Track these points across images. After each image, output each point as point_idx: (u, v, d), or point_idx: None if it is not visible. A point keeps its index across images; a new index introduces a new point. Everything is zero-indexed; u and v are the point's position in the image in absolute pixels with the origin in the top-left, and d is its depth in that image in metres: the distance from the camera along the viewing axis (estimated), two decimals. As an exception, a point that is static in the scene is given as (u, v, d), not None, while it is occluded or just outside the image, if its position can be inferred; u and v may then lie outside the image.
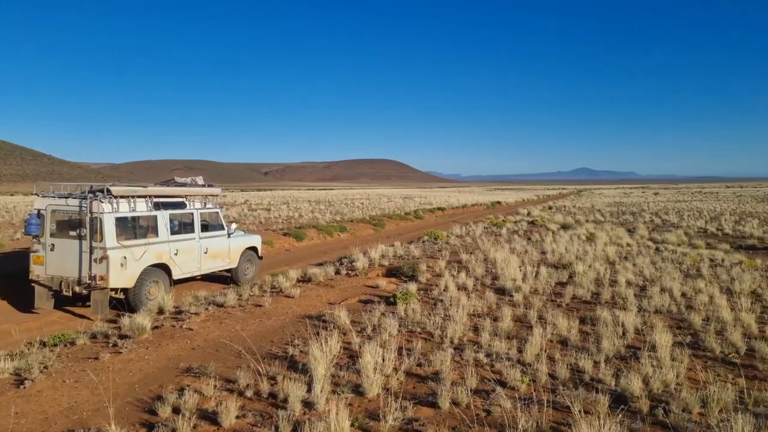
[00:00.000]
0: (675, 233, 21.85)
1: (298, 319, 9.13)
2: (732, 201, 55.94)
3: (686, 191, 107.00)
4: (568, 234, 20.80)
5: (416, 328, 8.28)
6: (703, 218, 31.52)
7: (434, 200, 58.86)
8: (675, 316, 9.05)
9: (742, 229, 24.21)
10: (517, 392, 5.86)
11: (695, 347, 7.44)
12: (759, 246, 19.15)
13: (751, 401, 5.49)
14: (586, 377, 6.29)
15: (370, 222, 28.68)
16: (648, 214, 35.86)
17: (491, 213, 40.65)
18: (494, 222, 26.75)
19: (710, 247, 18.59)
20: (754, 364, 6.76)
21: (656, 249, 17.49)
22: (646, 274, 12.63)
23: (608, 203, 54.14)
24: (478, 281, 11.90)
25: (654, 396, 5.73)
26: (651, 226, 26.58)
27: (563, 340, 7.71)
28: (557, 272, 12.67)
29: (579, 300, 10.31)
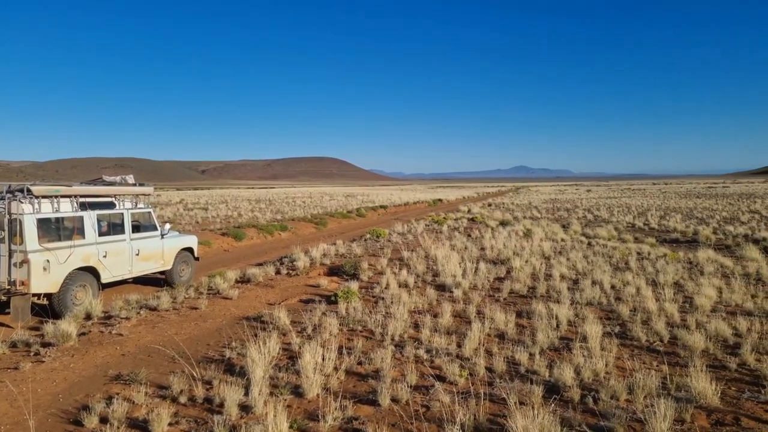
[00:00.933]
0: (606, 228, 22.92)
1: (236, 320, 8.90)
2: (658, 197, 59.33)
3: (616, 188, 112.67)
4: (507, 230, 21.40)
5: (357, 327, 8.26)
6: (632, 214, 33.21)
7: (377, 198, 59.09)
8: (605, 308, 9.46)
9: (666, 224, 25.65)
10: (455, 387, 5.94)
11: (623, 337, 7.80)
12: (681, 239, 20.37)
13: (674, 386, 5.80)
14: (521, 369, 6.46)
15: (312, 221, 28.43)
16: (581, 210, 37.45)
17: (433, 210, 41.26)
18: (436, 219, 27.15)
19: (638, 241, 19.60)
20: (676, 351, 7.15)
21: (588, 244, 18.25)
22: (578, 268, 13.15)
23: (544, 200, 56.16)
24: (419, 278, 12.02)
25: (585, 385, 5.95)
26: (584, 222, 27.74)
27: (501, 334, 7.90)
28: (496, 268, 12.99)
29: (516, 294, 10.61)
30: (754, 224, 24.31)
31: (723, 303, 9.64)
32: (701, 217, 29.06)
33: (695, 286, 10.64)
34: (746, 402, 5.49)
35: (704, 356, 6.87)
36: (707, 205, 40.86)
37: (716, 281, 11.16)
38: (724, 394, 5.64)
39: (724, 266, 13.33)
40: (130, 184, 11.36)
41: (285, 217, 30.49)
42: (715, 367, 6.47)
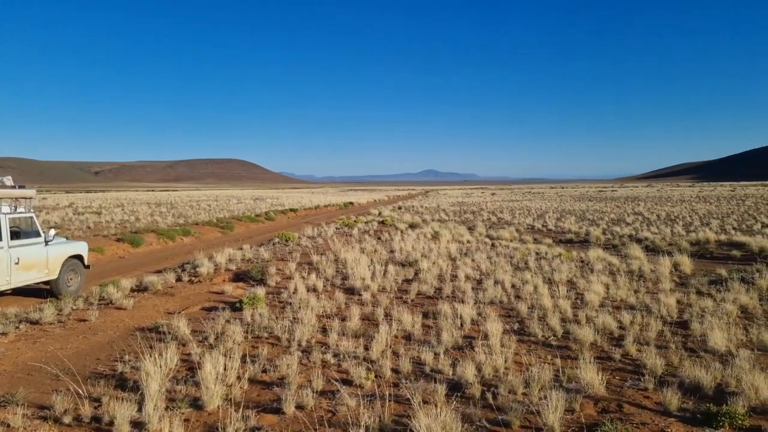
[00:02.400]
0: (508, 230, 24.09)
1: (130, 332, 8.31)
2: (555, 200, 63.32)
3: (519, 192, 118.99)
4: (416, 233, 21.85)
5: (263, 334, 8.02)
6: (532, 216, 35.17)
7: (287, 201, 58.14)
8: (506, 306, 9.89)
9: (562, 225, 27.41)
10: (362, 390, 5.93)
11: (521, 333, 8.19)
12: (575, 240, 21.86)
13: (565, 378, 6.16)
14: (427, 369, 6.58)
15: (217, 225, 27.38)
16: (486, 212, 39.11)
17: (344, 214, 41.26)
18: (346, 222, 27.17)
19: (537, 242, 20.79)
20: (568, 345, 7.61)
21: (492, 245, 19.06)
22: (482, 268, 13.68)
23: (452, 203, 58.09)
24: (328, 282, 11.93)
25: (486, 381, 6.17)
26: (488, 224, 28.98)
27: (408, 335, 8.01)
28: (404, 270, 13.20)
29: (423, 295, 10.82)
30: (637, 225, 26.59)
31: (610, 298, 10.41)
32: (593, 219, 31.35)
33: (586, 284, 11.41)
34: (628, 390, 5.94)
35: (593, 349, 7.37)
36: (598, 207, 44.17)
37: (604, 278, 12.04)
38: (610, 383, 6.07)
39: (611, 264, 14.43)
40: (9, 187, 10.31)
41: (188, 221, 29.13)
42: (602, 359, 6.96)
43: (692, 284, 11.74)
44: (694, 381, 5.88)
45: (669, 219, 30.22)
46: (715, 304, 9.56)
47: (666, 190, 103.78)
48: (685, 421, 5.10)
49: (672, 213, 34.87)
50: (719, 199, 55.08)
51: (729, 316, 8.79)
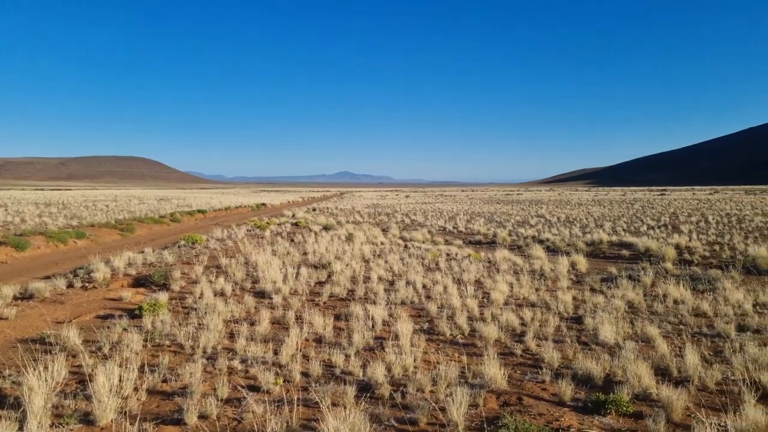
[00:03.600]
0: (421, 232, 24.63)
1: (11, 344, 7.55)
2: (466, 203, 65.62)
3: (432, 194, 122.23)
4: (330, 235, 21.74)
5: (165, 341, 7.60)
6: (443, 218, 36.20)
7: (195, 202, 55.70)
8: (417, 306, 10.08)
9: (472, 227, 28.42)
10: (270, 395, 5.78)
11: (431, 333, 8.37)
12: (484, 241, 22.75)
13: (471, 375, 6.36)
14: (337, 371, 6.54)
15: (116, 227, 25.68)
16: (400, 214, 39.75)
17: (256, 215, 40.23)
18: (258, 224, 26.50)
19: (448, 243, 21.42)
20: (474, 342, 7.87)
21: (405, 246, 19.39)
22: (395, 269, 13.86)
23: (367, 205, 58.51)
24: (237, 286, 11.55)
25: (395, 381, 6.23)
26: (402, 226, 29.46)
27: (319, 338, 7.92)
28: (317, 272, 13.08)
29: (336, 298, 10.77)
30: (540, 227, 28.13)
31: (514, 297, 10.92)
32: (500, 221, 32.79)
33: (492, 283, 11.89)
34: (528, 383, 6.25)
35: (497, 345, 7.68)
36: (505, 210, 46.31)
37: (509, 278, 12.62)
38: (511, 378, 6.34)
39: (516, 264, 15.16)
40: None
41: (82, 222, 27.07)
42: (505, 354, 7.27)
43: (587, 282, 12.60)
44: (586, 372, 6.29)
45: (568, 221, 32.26)
46: (606, 300, 10.31)
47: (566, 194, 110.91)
48: (577, 410, 5.44)
49: (570, 215, 37.26)
50: (612, 203, 59.63)
51: (617, 311, 9.51)
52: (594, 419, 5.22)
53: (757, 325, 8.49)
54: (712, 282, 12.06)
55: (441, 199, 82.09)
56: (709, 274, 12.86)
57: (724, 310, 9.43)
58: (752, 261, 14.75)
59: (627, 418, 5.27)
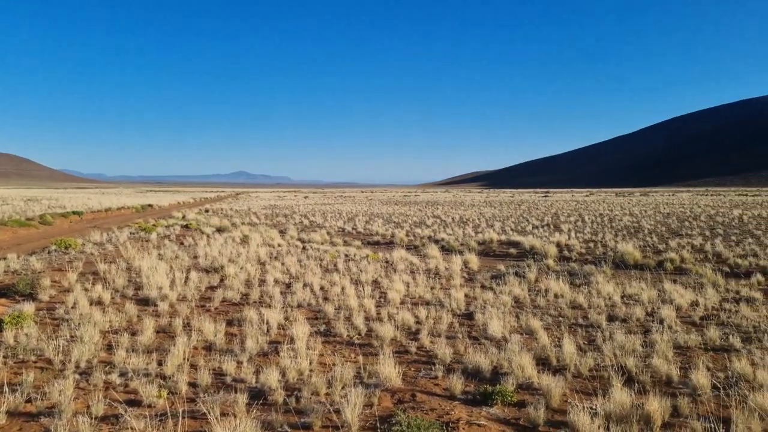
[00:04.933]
0: (320, 233, 24.44)
1: None
2: (365, 204, 66.17)
3: (331, 195, 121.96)
4: (224, 237, 20.91)
5: (30, 357, 6.84)
6: (343, 219, 36.22)
7: (69, 203, 50.92)
8: (314, 308, 9.95)
9: (370, 228, 28.69)
10: (152, 409, 5.38)
11: (328, 334, 8.29)
12: (382, 241, 23.05)
13: (367, 375, 6.37)
14: (228, 379, 6.26)
15: (-25, 231, 22.81)
16: (298, 216, 39.21)
17: (141, 217, 37.58)
18: (143, 227, 24.80)
19: (346, 244, 21.44)
20: (371, 342, 7.91)
21: (303, 248, 19.11)
22: (292, 272, 13.60)
23: (264, 206, 57.06)
24: (118, 293, 10.70)
25: (290, 385, 6.08)
26: (300, 227, 29.06)
27: (209, 346, 7.54)
28: (209, 276, 12.49)
29: (229, 302, 10.34)
30: (436, 227, 29.05)
31: (410, 296, 11.14)
32: (398, 222, 33.43)
33: (390, 283, 12.05)
34: (422, 379, 6.38)
35: (393, 344, 7.77)
36: (403, 211, 47.32)
37: (406, 277, 12.87)
38: (406, 375, 6.44)
39: (412, 264, 15.50)
40: None
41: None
42: (400, 353, 7.37)
43: (478, 279, 13.19)
44: (475, 366, 6.54)
45: (462, 221, 33.65)
46: (495, 297, 10.84)
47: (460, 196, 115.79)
48: (467, 402, 5.64)
49: (464, 216, 38.91)
50: (502, 204, 63.15)
51: (505, 306, 10.04)
52: (482, 410, 5.44)
53: (624, 315, 9.34)
54: (587, 276, 13.13)
55: (340, 200, 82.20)
56: (585, 270, 14.00)
57: (597, 302, 10.27)
58: (621, 257, 16.28)
59: (512, 407, 5.55)
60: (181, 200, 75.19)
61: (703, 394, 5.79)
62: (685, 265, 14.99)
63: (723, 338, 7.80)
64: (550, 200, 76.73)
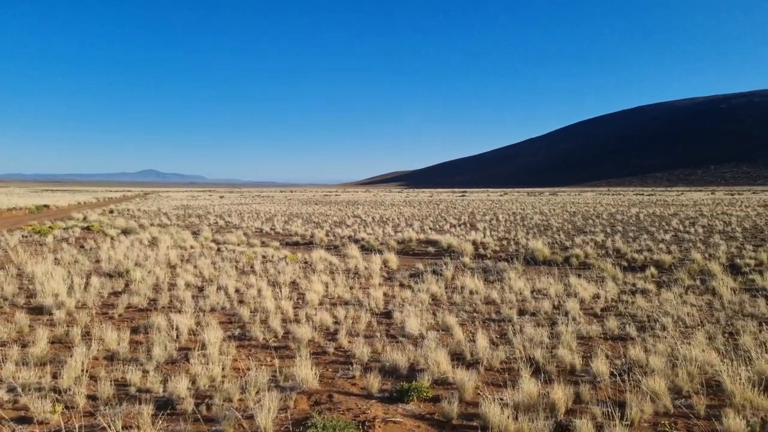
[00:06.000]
0: (236, 234, 23.71)
1: None
2: (284, 204, 65.05)
3: (248, 195, 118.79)
4: (130, 239, 19.75)
5: None
6: (260, 219, 35.37)
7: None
8: (228, 312, 9.60)
9: (289, 228, 28.20)
10: (45, 426, 4.96)
11: (243, 338, 8.03)
12: (301, 242, 22.74)
13: (282, 378, 6.23)
14: (132, 390, 5.88)
15: None
16: (213, 216, 37.82)
17: (35, 219, 34.60)
18: (38, 229, 22.87)
19: (264, 245, 20.94)
20: (288, 344, 7.74)
21: (218, 249, 18.45)
22: (205, 274, 13.08)
23: (176, 206, 54.53)
24: (7, 302, 9.78)
25: (201, 393, 5.81)
26: (215, 228, 28.04)
27: (111, 355, 7.06)
28: (112, 281, 11.72)
29: (134, 308, 9.75)
30: (356, 227, 29.08)
31: (329, 296, 11.05)
32: (318, 222, 33.13)
33: (308, 283, 11.89)
34: (339, 380, 6.33)
35: (310, 345, 7.66)
36: (323, 211, 46.99)
37: (325, 277, 12.75)
38: (323, 376, 6.36)
39: (332, 264, 15.40)
40: None
41: None
42: (318, 354, 7.28)
43: (397, 278, 13.33)
44: (393, 364, 6.58)
45: (382, 221, 33.93)
46: (413, 295, 11.00)
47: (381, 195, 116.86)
48: (384, 400, 5.66)
49: (384, 215, 39.28)
50: (421, 204, 64.42)
51: (423, 303, 10.21)
52: (398, 407, 5.47)
53: (533, 308, 9.79)
54: (500, 273, 13.65)
55: (258, 200, 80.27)
56: (499, 267, 14.56)
57: (509, 297, 10.70)
58: (531, 253, 17.09)
59: (427, 403, 5.63)
60: (82, 200, 69.93)
61: (602, 380, 6.17)
62: (589, 261, 15.98)
63: (621, 328, 8.37)
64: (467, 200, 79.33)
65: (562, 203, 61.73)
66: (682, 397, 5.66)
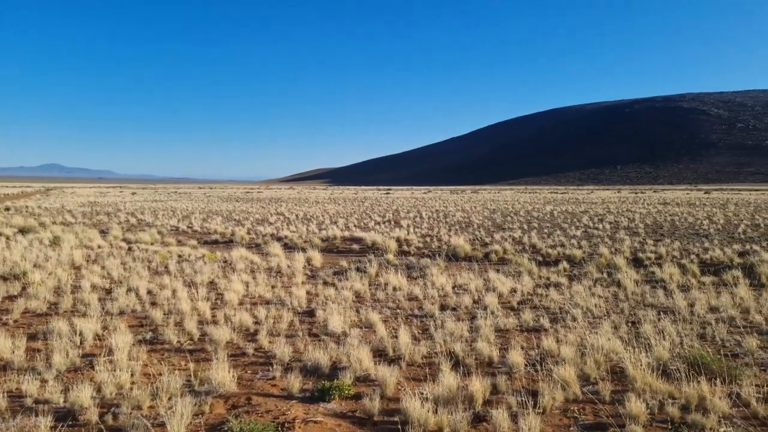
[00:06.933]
0: (149, 232, 22.50)
1: None
2: (203, 201, 62.62)
3: (163, 191, 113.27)
4: (28, 239, 18.22)
5: None
6: (177, 217, 33.83)
7: None
8: (139, 315, 9.08)
9: (208, 226, 27.15)
10: None
11: (155, 342, 7.61)
12: (221, 240, 21.96)
13: (198, 382, 5.95)
14: (28, 401, 5.40)
15: None
16: (124, 214, 35.73)
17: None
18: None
19: (180, 244, 20.02)
20: (205, 347, 7.41)
21: (129, 249, 17.44)
22: (114, 275, 12.30)
23: (82, 203, 51.01)
24: None
25: (107, 402, 5.44)
26: (126, 226, 26.50)
27: (5, 365, 6.45)
28: (7, 284, 10.74)
29: (32, 314, 8.98)
30: (279, 224, 28.51)
31: (249, 296, 10.72)
32: (239, 219, 32.17)
33: (228, 283, 11.48)
34: (258, 381, 6.14)
35: (229, 347, 7.38)
36: (244, 208, 45.69)
37: (245, 277, 12.37)
38: (242, 379, 6.15)
39: (253, 263, 14.98)
40: None
41: None
42: (236, 356, 7.03)
43: (321, 276, 13.18)
44: (314, 363, 6.48)
45: (306, 218, 33.51)
46: (336, 292, 10.91)
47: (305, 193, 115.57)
48: (305, 400, 5.55)
49: (308, 213, 38.84)
50: (345, 201, 64.30)
51: (346, 301, 10.15)
52: (319, 407, 5.39)
53: (454, 303, 10.01)
54: (423, 269, 13.86)
55: (175, 197, 76.66)
56: (422, 263, 14.78)
57: (431, 293, 10.88)
58: (453, 250, 17.50)
59: (349, 401, 5.59)
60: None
61: (517, 371, 6.40)
62: (507, 256, 16.60)
63: (535, 320, 8.74)
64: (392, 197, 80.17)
65: (482, 201, 63.87)
66: (590, 384, 5.98)
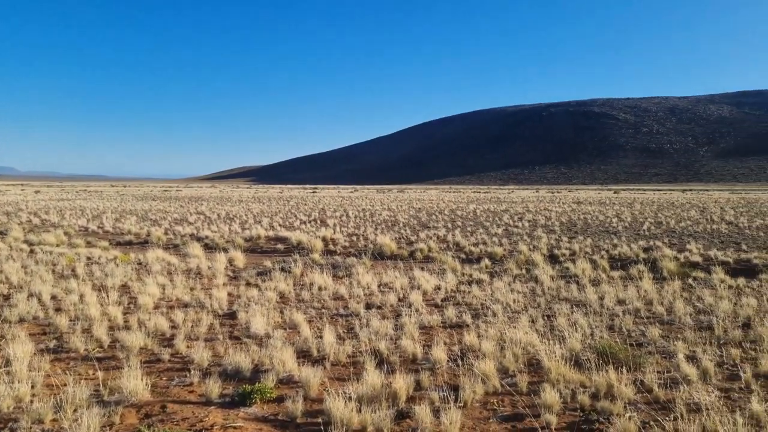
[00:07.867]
0: (54, 233, 20.98)
1: None
2: (115, 199, 59.14)
3: (71, 189, 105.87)
4: None
5: None
6: (86, 217, 31.75)
7: None
8: (42, 322, 8.42)
9: (121, 226, 25.68)
10: None
11: (59, 351, 7.08)
12: (135, 241, 20.83)
13: (107, 391, 5.58)
14: None
15: None
16: (26, 213, 33.09)
17: None
18: None
19: (90, 245, 18.80)
20: (116, 354, 6.98)
21: (31, 251, 16.17)
22: (13, 280, 11.34)
23: (-20, 203, 46.72)
24: None
25: (3, 417, 4.99)
26: (28, 227, 24.55)
27: None
28: None
29: None
30: (199, 224, 27.47)
31: (165, 299, 10.23)
32: (155, 219, 30.68)
33: (142, 286, 10.88)
34: (175, 388, 5.85)
35: (142, 353, 6.99)
36: (162, 207, 43.66)
37: (162, 279, 11.79)
38: (156, 386, 5.83)
39: (171, 264, 14.32)
40: None
41: None
42: (151, 362, 6.67)
43: (243, 277, 12.81)
44: (235, 367, 6.26)
45: (228, 218, 32.49)
46: (260, 293, 10.64)
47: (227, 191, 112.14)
48: (224, 406, 5.35)
49: (231, 212, 37.71)
50: (270, 200, 62.97)
51: (270, 302, 9.92)
52: (239, 411, 5.21)
53: (380, 302, 10.06)
54: (349, 268, 13.82)
55: (84, 196, 71.87)
56: (348, 262, 14.73)
57: (357, 292, 10.87)
58: (379, 248, 17.60)
59: (271, 404, 5.45)
60: None
61: (440, 367, 6.52)
62: (432, 254, 16.91)
63: (458, 316, 8.94)
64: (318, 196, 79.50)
65: (408, 200, 64.77)
66: (509, 377, 6.19)
